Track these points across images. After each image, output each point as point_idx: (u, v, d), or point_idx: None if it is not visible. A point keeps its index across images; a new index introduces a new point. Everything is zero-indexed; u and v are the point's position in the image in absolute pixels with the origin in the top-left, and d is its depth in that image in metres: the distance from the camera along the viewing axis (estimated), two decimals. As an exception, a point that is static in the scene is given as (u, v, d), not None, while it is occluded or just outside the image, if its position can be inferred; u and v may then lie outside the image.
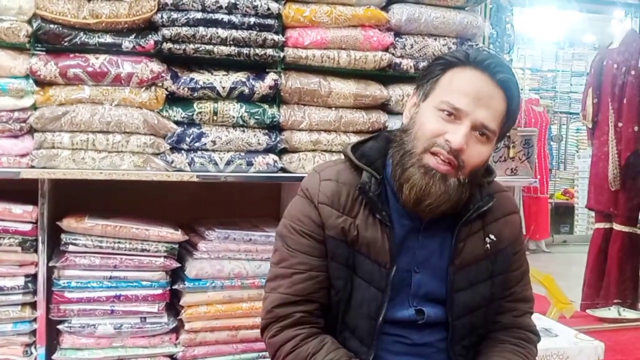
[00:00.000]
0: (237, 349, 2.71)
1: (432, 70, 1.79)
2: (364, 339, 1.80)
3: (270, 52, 2.66)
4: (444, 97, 1.72)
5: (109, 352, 2.54)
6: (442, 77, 1.76)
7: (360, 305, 1.79)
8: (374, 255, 1.77)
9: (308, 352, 1.73)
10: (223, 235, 2.65)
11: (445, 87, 1.75)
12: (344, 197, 1.78)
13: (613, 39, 5.56)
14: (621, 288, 5.21)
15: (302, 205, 1.82)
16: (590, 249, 5.51)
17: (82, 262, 2.47)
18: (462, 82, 1.73)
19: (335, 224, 1.77)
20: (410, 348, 1.83)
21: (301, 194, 1.84)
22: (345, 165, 1.85)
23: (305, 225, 1.79)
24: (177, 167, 2.56)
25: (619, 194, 5.22)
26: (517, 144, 3.18)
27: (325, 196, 1.78)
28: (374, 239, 1.77)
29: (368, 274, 1.78)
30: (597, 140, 5.45)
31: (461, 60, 1.75)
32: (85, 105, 2.47)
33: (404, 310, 1.81)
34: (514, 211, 1.96)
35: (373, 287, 1.78)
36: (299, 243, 1.79)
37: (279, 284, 1.79)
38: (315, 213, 1.78)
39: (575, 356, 2.72)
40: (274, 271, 1.83)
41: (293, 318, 1.77)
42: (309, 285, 1.77)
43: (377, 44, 2.81)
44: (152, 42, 2.52)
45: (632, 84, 5.11)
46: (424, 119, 1.74)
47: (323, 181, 1.81)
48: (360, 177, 1.79)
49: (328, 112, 2.77)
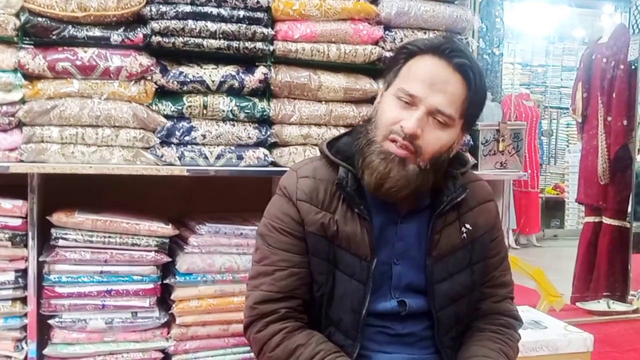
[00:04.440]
0: (229, 343, 2.71)
1: (396, 60, 1.84)
2: (349, 332, 1.81)
3: (260, 45, 2.66)
4: (401, 84, 1.76)
5: (101, 346, 2.53)
6: (403, 66, 1.80)
7: (343, 298, 1.80)
8: (355, 249, 1.79)
9: (297, 344, 1.75)
10: (214, 229, 2.64)
11: (405, 75, 1.79)
12: (322, 193, 1.82)
13: (602, 34, 5.58)
14: (610, 281, 5.24)
15: (280, 203, 1.87)
16: (580, 243, 5.54)
17: (73, 257, 2.46)
18: (418, 69, 1.76)
19: (314, 220, 1.80)
20: (395, 338, 1.85)
21: (279, 193, 1.89)
22: (321, 162, 1.90)
23: (284, 223, 1.83)
24: (167, 161, 2.55)
25: (608, 187, 5.26)
26: (506, 138, 3.19)
27: (303, 193, 1.82)
28: (354, 233, 1.79)
29: (349, 268, 1.80)
30: (586, 134, 5.48)
31: (420, 49, 1.78)
32: (74, 99, 2.46)
33: (386, 302, 1.83)
34: (489, 199, 1.98)
35: (355, 280, 1.80)
36: (279, 241, 1.83)
37: (261, 282, 1.82)
38: (293, 210, 1.82)
39: (565, 348, 2.73)
40: (256, 269, 1.86)
41: (278, 314, 1.79)
42: (291, 282, 1.80)
43: (367, 37, 2.81)
44: (140, 36, 2.51)
45: (621, 78, 5.14)
46: (384, 107, 1.79)
47: (300, 179, 1.86)
48: (337, 173, 1.82)
49: (318, 106, 2.77)
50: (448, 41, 1.79)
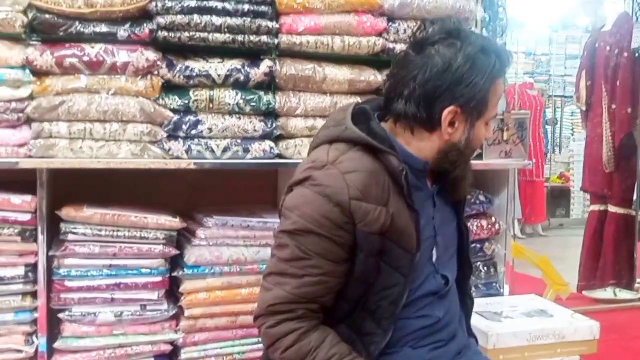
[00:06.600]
0: (237, 335, 2.73)
1: (481, 91, 1.73)
2: (382, 322, 1.77)
3: (265, 39, 2.67)
4: (492, 112, 1.81)
5: (110, 339, 2.55)
6: (489, 95, 1.76)
7: (383, 290, 1.76)
8: (404, 243, 1.74)
9: (311, 347, 1.68)
10: (221, 222, 2.66)
11: (492, 104, 1.79)
12: (374, 187, 1.69)
13: (606, 22, 5.56)
14: (617, 269, 5.24)
15: (319, 204, 1.67)
16: (586, 231, 5.53)
17: (82, 251, 2.49)
18: (497, 93, 1.79)
19: (373, 219, 1.68)
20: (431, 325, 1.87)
21: (315, 190, 1.69)
22: (357, 152, 1.74)
23: (323, 227, 1.67)
24: (175, 155, 2.57)
25: (614, 175, 5.24)
26: (510, 127, 3.20)
27: (357, 191, 1.67)
28: (405, 226, 1.73)
29: (395, 261, 1.74)
30: (591, 123, 5.46)
31: (503, 70, 1.79)
32: (82, 95, 2.48)
33: (431, 282, 1.86)
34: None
35: (398, 272, 1.75)
36: (315, 245, 1.68)
37: (287, 282, 1.70)
38: (336, 213, 1.66)
39: (571, 336, 2.73)
40: (283, 267, 1.71)
41: (295, 313, 1.70)
42: (318, 290, 1.70)
43: (371, 29, 2.82)
44: (147, 31, 2.53)
45: (625, 66, 5.12)
46: (479, 135, 1.82)
47: (347, 175, 1.68)
48: (377, 162, 1.72)
49: (323, 98, 2.79)
50: (507, 53, 1.83)
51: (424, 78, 1.70)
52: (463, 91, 1.70)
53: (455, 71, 1.69)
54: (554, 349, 2.72)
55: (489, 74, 1.72)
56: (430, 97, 1.70)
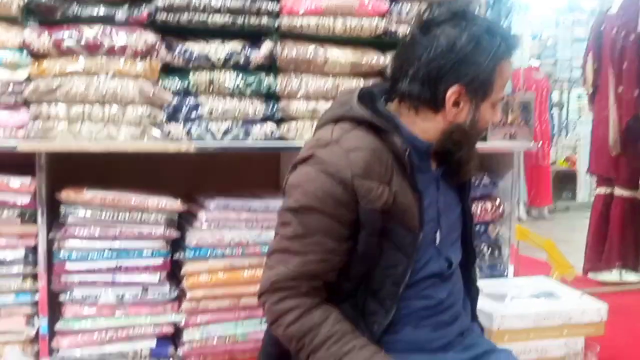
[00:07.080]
0: (240, 316, 2.73)
1: (486, 71, 1.72)
2: (385, 302, 1.77)
3: (265, 20, 2.65)
4: (498, 94, 1.78)
5: (112, 321, 2.56)
6: (494, 76, 1.73)
7: (386, 269, 1.76)
8: (407, 222, 1.73)
9: (314, 323, 1.69)
10: (223, 204, 2.66)
11: (499, 85, 1.77)
12: (377, 165, 1.69)
13: (612, 4, 5.52)
14: (623, 252, 5.21)
15: (321, 181, 1.67)
16: (592, 214, 5.51)
17: (82, 234, 2.49)
18: (503, 75, 1.76)
19: (376, 196, 1.67)
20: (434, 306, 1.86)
21: (318, 168, 1.68)
22: (360, 130, 1.73)
23: (326, 204, 1.66)
24: (174, 138, 2.56)
25: (620, 158, 5.20)
26: (515, 109, 3.18)
27: (359, 168, 1.66)
28: (408, 205, 1.72)
29: (398, 240, 1.74)
30: (597, 106, 5.42)
31: (509, 52, 1.76)
32: (80, 77, 2.47)
33: (433, 264, 1.83)
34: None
35: (401, 253, 1.75)
36: (317, 222, 1.68)
37: (290, 259, 1.70)
38: (340, 191, 1.66)
39: (578, 317, 2.72)
40: (286, 245, 1.72)
41: (298, 290, 1.71)
42: (321, 267, 1.71)
43: (373, 11, 2.79)
44: (145, 13, 2.51)
45: (632, 48, 5.07)
46: (485, 117, 1.79)
47: (351, 152, 1.67)
48: (380, 140, 1.71)
49: (325, 80, 2.77)
50: (513, 37, 1.80)
51: (428, 57, 1.69)
52: (467, 70, 1.69)
53: (459, 50, 1.68)
54: (560, 331, 2.71)
55: (493, 54, 1.70)
56: (434, 76, 1.69)
